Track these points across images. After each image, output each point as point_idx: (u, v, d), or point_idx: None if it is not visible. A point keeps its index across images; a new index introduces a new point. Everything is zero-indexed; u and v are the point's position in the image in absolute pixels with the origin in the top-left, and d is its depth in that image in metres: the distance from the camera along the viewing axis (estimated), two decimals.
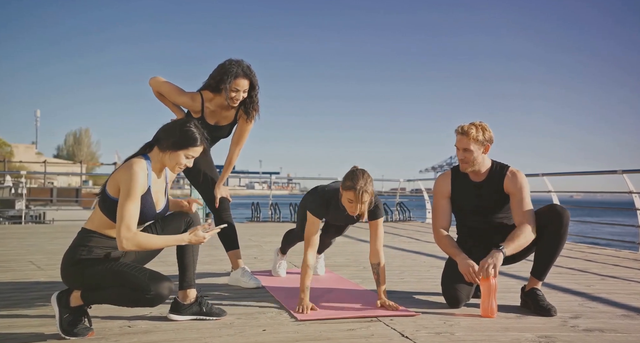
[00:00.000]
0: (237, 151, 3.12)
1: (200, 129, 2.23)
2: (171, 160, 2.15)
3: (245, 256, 4.37)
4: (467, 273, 2.47)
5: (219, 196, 3.06)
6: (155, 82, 2.98)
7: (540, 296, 2.53)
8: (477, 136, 2.59)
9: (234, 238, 3.10)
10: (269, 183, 12.59)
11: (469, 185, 2.72)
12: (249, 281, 2.99)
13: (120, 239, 1.97)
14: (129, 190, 2.01)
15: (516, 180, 2.60)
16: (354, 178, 2.44)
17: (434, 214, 2.80)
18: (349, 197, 2.43)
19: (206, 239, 2.16)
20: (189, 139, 2.15)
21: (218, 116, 3.00)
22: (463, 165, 2.66)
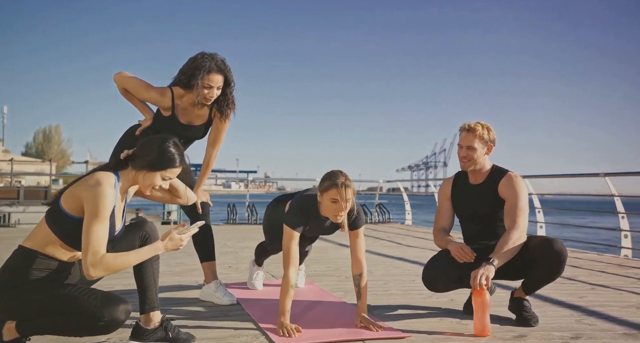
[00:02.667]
0: (214, 153, 2.87)
1: (180, 147, 2.00)
2: (146, 181, 1.92)
3: (219, 264, 4.12)
4: (457, 253, 2.36)
5: (199, 201, 2.81)
6: (120, 78, 2.70)
7: (526, 307, 2.41)
8: (483, 134, 2.48)
9: (211, 248, 2.86)
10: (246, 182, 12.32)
11: (467, 188, 2.60)
12: (223, 297, 2.75)
13: (87, 266, 1.72)
14: (97, 210, 1.75)
15: (512, 184, 2.45)
16: (332, 176, 2.25)
17: (436, 215, 2.71)
18: (331, 197, 2.22)
19: (185, 242, 1.92)
20: (167, 159, 1.92)
21: (190, 115, 2.75)
22: (465, 163, 2.52)
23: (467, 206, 2.58)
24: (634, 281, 3.66)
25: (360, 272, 2.40)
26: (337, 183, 2.21)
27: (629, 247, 5.50)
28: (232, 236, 6.80)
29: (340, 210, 2.24)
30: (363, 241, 2.44)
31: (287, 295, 2.27)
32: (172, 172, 1.94)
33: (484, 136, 2.48)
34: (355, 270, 2.41)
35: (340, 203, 2.22)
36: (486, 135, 2.48)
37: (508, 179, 2.48)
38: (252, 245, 5.71)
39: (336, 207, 2.23)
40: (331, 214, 2.28)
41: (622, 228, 5.59)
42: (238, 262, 4.38)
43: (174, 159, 1.93)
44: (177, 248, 1.90)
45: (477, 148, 2.48)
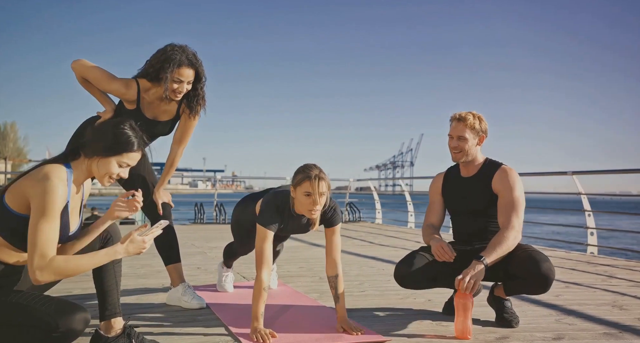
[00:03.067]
0: (179, 151, 2.70)
1: (138, 131, 1.82)
2: (100, 169, 1.74)
3: (187, 266, 3.95)
4: (437, 251, 2.27)
5: (160, 202, 2.64)
6: (80, 66, 2.49)
7: (507, 307, 2.34)
8: (474, 124, 2.38)
9: (175, 250, 2.69)
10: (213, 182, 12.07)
11: (458, 181, 2.50)
12: (191, 301, 2.60)
13: (33, 270, 1.54)
14: (44, 207, 1.58)
15: (506, 178, 2.35)
16: (306, 169, 2.14)
17: (426, 211, 2.61)
18: (305, 190, 2.11)
19: (148, 245, 1.75)
20: (123, 143, 1.75)
21: (157, 109, 2.58)
22: (456, 154, 2.43)
23: (459, 200, 2.48)
24: (604, 278, 3.69)
25: (335, 273, 2.28)
26: (310, 175, 2.10)
27: (594, 245, 5.59)
28: (200, 236, 6.59)
29: (315, 204, 2.13)
30: (339, 239, 2.33)
31: (260, 298, 2.14)
32: (129, 157, 1.77)
33: (475, 126, 2.38)
34: (330, 271, 2.29)
35: (314, 197, 2.11)
36: (477, 125, 2.38)
37: (502, 173, 2.38)
38: (221, 245, 5.51)
39: (310, 201, 2.12)
40: (305, 209, 2.17)
41: (588, 226, 5.69)
42: (207, 263, 4.21)
43: (130, 141, 1.76)
44: (140, 252, 1.74)
45: (468, 138, 2.38)
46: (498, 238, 2.22)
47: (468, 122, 2.37)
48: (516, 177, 2.36)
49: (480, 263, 2.14)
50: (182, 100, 2.58)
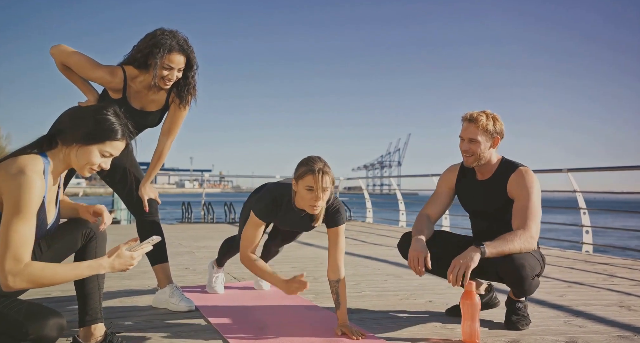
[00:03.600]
0: (168, 143, 2.53)
1: (123, 117, 1.66)
2: (80, 159, 1.58)
3: (174, 266, 3.78)
4: (412, 261, 2.10)
5: (146, 198, 2.48)
6: (59, 51, 2.31)
7: (518, 310, 2.20)
8: (487, 125, 2.20)
9: (162, 249, 2.53)
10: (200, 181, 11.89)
11: (474, 184, 2.35)
12: (179, 303, 2.43)
13: (5, 275, 1.38)
14: (20, 206, 1.42)
15: (522, 181, 2.19)
16: (309, 162, 2.00)
17: (429, 199, 2.45)
18: (307, 184, 1.97)
19: (136, 261, 1.59)
20: (106, 130, 1.59)
21: (144, 99, 2.41)
22: (467, 158, 2.26)
23: (475, 202, 2.34)
24: (605, 277, 3.60)
25: (338, 277, 2.14)
26: (313, 169, 1.96)
27: (590, 243, 5.53)
28: (188, 235, 6.41)
29: (317, 200, 1.99)
30: (343, 241, 2.18)
31: (263, 266, 2.12)
32: (113, 146, 1.61)
33: (488, 127, 2.19)
34: (333, 275, 2.15)
35: (317, 192, 1.96)
36: (491, 126, 2.20)
37: (518, 176, 2.21)
38: (209, 244, 5.37)
39: (312, 196, 1.98)
40: (307, 205, 2.03)
41: (583, 224, 5.62)
42: (195, 263, 4.04)
43: (114, 129, 1.60)
44: (126, 268, 1.58)
45: (480, 141, 2.20)
46: (509, 234, 2.08)
47: (480, 123, 2.20)
48: (534, 180, 2.20)
49: (477, 250, 1.98)
50: (172, 89, 2.42)
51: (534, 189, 2.17)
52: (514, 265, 2.04)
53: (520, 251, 2.06)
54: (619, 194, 6.90)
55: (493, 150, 2.27)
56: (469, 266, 1.96)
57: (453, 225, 8.05)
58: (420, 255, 2.10)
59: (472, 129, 2.22)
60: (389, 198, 10.03)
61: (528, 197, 2.15)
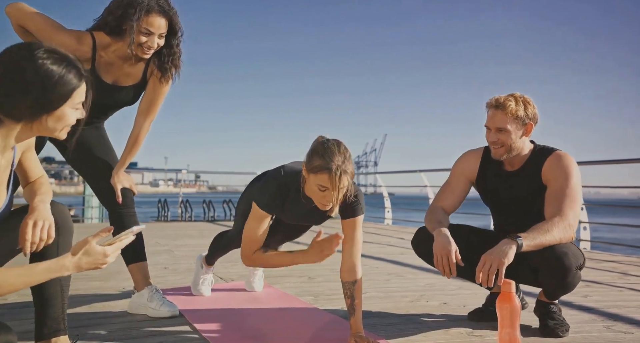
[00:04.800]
0: (146, 124, 2.16)
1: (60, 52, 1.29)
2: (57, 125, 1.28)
3: (152, 266, 3.40)
4: (438, 259, 1.79)
5: (120, 187, 2.11)
6: (17, 11, 1.93)
7: (553, 314, 1.92)
8: (517, 111, 1.89)
9: (140, 246, 2.16)
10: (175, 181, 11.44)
11: (502, 176, 2.04)
12: (160, 308, 2.08)
13: None
14: None
15: (559, 164, 1.90)
16: (327, 153, 1.62)
17: (441, 189, 2.13)
18: (321, 183, 1.62)
19: (111, 259, 1.25)
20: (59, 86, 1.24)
21: (118, 72, 2.04)
22: (496, 150, 1.95)
23: (503, 196, 2.04)
24: (619, 276, 3.37)
25: (354, 278, 1.81)
26: (330, 167, 1.60)
27: (587, 240, 5.36)
28: (165, 234, 5.99)
29: (329, 202, 1.66)
30: (361, 235, 1.85)
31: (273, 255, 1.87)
32: (78, 94, 1.27)
33: (518, 113, 1.89)
34: (348, 276, 1.82)
35: (331, 193, 1.63)
36: (521, 112, 1.90)
37: (555, 159, 1.93)
38: (189, 243, 4.99)
39: (324, 195, 1.64)
40: (317, 201, 1.70)
41: (581, 221, 5.43)
42: (175, 262, 3.66)
43: (67, 77, 1.24)
44: (98, 267, 1.23)
45: (510, 130, 1.90)
46: (544, 223, 1.79)
47: (509, 109, 1.89)
48: (571, 164, 1.91)
49: (512, 243, 1.69)
50: (152, 59, 2.05)
51: (572, 172, 1.89)
52: (555, 254, 1.75)
53: (560, 242, 1.78)
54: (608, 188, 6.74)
55: (525, 138, 1.98)
56: (502, 262, 1.66)
57: None
58: (449, 253, 1.79)
59: (500, 116, 1.91)
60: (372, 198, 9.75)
61: (565, 181, 1.87)
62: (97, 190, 2.16)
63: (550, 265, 1.78)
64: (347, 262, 1.82)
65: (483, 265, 1.67)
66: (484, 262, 1.67)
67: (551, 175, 1.92)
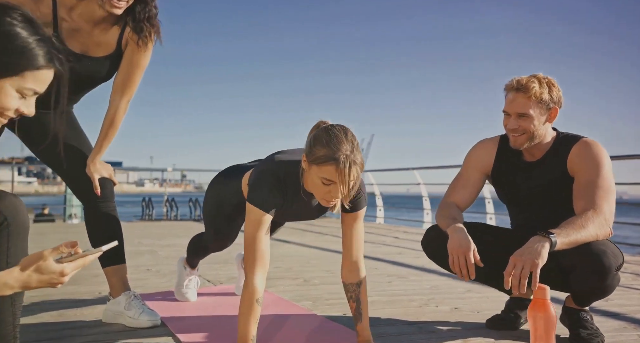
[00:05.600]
0: (123, 104, 1.88)
1: (38, 25, 1.04)
2: None
3: (133, 267, 3.15)
4: (454, 259, 1.58)
5: (97, 177, 1.85)
6: None
7: (585, 322, 1.71)
8: (542, 94, 1.68)
9: (118, 246, 1.90)
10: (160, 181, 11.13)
11: (521, 167, 1.82)
12: (139, 316, 1.82)
13: None
14: None
15: (588, 152, 1.69)
16: (332, 140, 1.37)
17: (453, 183, 1.91)
18: (325, 175, 1.38)
19: (67, 279, 0.99)
20: (18, 53, 0.98)
21: (87, 39, 1.76)
22: (516, 138, 1.74)
23: (522, 190, 1.82)
24: (633, 277, 3.18)
25: (358, 279, 1.59)
26: (337, 157, 1.35)
27: None
28: (149, 233, 5.71)
29: (335, 198, 1.42)
30: (363, 230, 1.63)
31: (250, 315, 1.43)
32: (35, 79, 1.00)
33: (543, 96, 1.68)
34: (350, 277, 1.60)
35: (337, 188, 1.38)
36: (546, 95, 1.68)
37: (582, 147, 1.71)
38: (174, 243, 4.72)
39: (329, 190, 1.40)
40: (320, 197, 1.45)
41: None
42: (158, 264, 3.40)
43: (30, 49, 0.98)
44: (52, 286, 0.97)
45: (532, 115, 1.69)
46: (577, 218, 1.56)
47: (532, 91, 1.67)
48: (601, 152, 1.70)
49: (545, 241, 1.47)
50: (126, 26, 1.78)
51: (603, 161, 1.68)
52: (592, 252, 1.54)
53: (597, 239, 1.57)
54: None
55: (549, 124, 1.76)
56: (536, 263, 1.44)
57: None
58: (467, 252, 1.57)
59: (522, 100, 1.69)
60: None
61: (596, 170, 1.66)
62: (71, 183, 1.89)
63: (586, 266, 1.56)
64: (349, 261, 1.59)
65: (513, 267, 1.45)
66: (514, 264, 1.45)
67: (579, 164, 1.71)
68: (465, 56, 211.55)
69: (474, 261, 1.56)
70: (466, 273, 1.57)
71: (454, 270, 1.60)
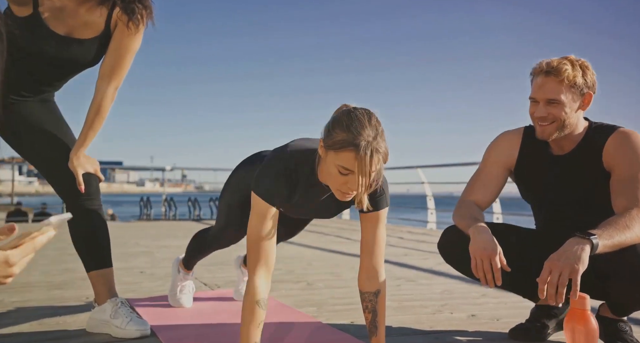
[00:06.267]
0: (110, 91, 1.70)
1: None
2: None
3: (127, 269, 3.00)
4: (478, 263, 1.42)
5: (81, 172, 1.67)
6: None
7: (624, 333, 1.54)
8: (575, 77, 1.50)
9: (103, 247, 1.73)
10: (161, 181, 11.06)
11: (548, 162, 1.64)
12: (127, 325, 1.65)
13: None
14: None
15: (627, 144, 1.51)
16: (353, 124, 1.21)
17: (472, 180, 1.73)
18: (343, 164, 1.21)
19: (17, 270, 0.79)
20: None
21: (72, 20, 1.59)
22: (544, 128, 1.55)
23: (550, 188, 1.64)
24: None
25: (377, 287, 1.43)
26: (357, 143, 1.19)
27: None
28: (146, 234, 5.54)
29: (352, 190, 1.25)
30: (384, 233, 1.45)
31: (252, 320, 1.29)
32: None
33: (576, 80, 1.50)
34: (369, 284, 1.43)
35: (356, 179, 1.22)
36: (580, 79, 1.51)
37: (620, 138, 1.53)
38: (172, 243, 4.55)
39: (346, 181, 1.23)
40: (335, 188, 1.29)
41: None
42: (154, 266, 3.23)
43: None
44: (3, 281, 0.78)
45: (564, 102, 1.51)
46: (619, 217, 1.39)
47: (565, 75, 1.49)
48: None
49: (585, 243, 1.30)
50: (115, 5, 1.62)
51: None
52: (637, 255, 1.37)
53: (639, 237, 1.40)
54: None
55: (581, 112, 1.58)
56: (576, 269, 1.27)
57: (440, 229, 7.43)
58: (493, 255, 1.40)
59: (553, 84, 1.51)
60: None
61: (638, 164, 1.48)
62: (51, 178, 1.72)
63: (629, 271, 1.39)
64: (367, 267, 1.42)
65: (549, 274, 1.28)
66: (550, 270, 1.28)
67: (617, 158, 1.53)
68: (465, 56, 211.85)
69: (500, 265, 1.39)
70: (491, 279, 1.40)
71: (477, 275, 1.43)
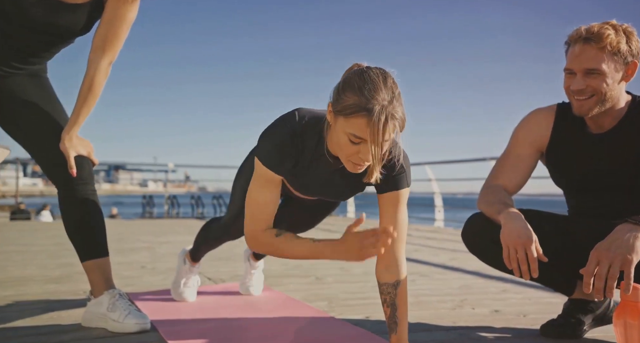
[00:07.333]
0: (103, 64, 1.56)
1: None
2: None
3: (127, 264, 2.88)
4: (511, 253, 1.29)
5: (73, 155, 1.55)
6: None
7: None
8: (619, 44, 1.34)
9: (98, 235, 1.60)
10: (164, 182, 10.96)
11: (585, 142, 1.49)
12: (125, 319, 1.52)
13: None
14: None
15: None
16: (366, 86, 1.07)
17: (499, 162, 1.59)
18: (354, 131, 1.08)
19: None
20: None
21: None
22: (581, 103, 1.40)
23: (587, 171, 1.49)
24: None
25: (397, 278, 1.28)
26: (370, 108, 1.05)
27: None
28: (148, 231, 5.42)
29: (364, 161, 1.12)
30: (405, 216, 1.31)
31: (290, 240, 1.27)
32: None
33: (620, 47, 1.34)
34: (388, 275, 1.28)
35: (368, 148, 1.08)
36: (623, 46, 1.34)
37: None
38: (174, 239, 4.42)
39: (357, 150, 1.10)
40: (345, 158, 1.15)
41: None
42: (155, 261, 3.10)
43: None
44: None
45: (605, 72, 1.34)
46: None
47: (607, 41, 1.33)
48: None
49: (635, 226, 1.19)
50: None
51: None
52: None
53: None
54: None
55: (624, 84, 1.43)
56: (629, 260, 1.15)
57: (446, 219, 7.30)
58: (528, 244, 1.27)
59: (593, 52, 1.34)
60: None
61: None
62: (41, 160, 1.59)
63: None
64: (386, 256, 1.28)
65: (596, 265, 1.14)
66: (598, 261, 1.15)
67: None
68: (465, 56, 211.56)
69: (537, 255, 1.26)
70: (526, 270, 1.27)
71: (511, 266, 1.30)
